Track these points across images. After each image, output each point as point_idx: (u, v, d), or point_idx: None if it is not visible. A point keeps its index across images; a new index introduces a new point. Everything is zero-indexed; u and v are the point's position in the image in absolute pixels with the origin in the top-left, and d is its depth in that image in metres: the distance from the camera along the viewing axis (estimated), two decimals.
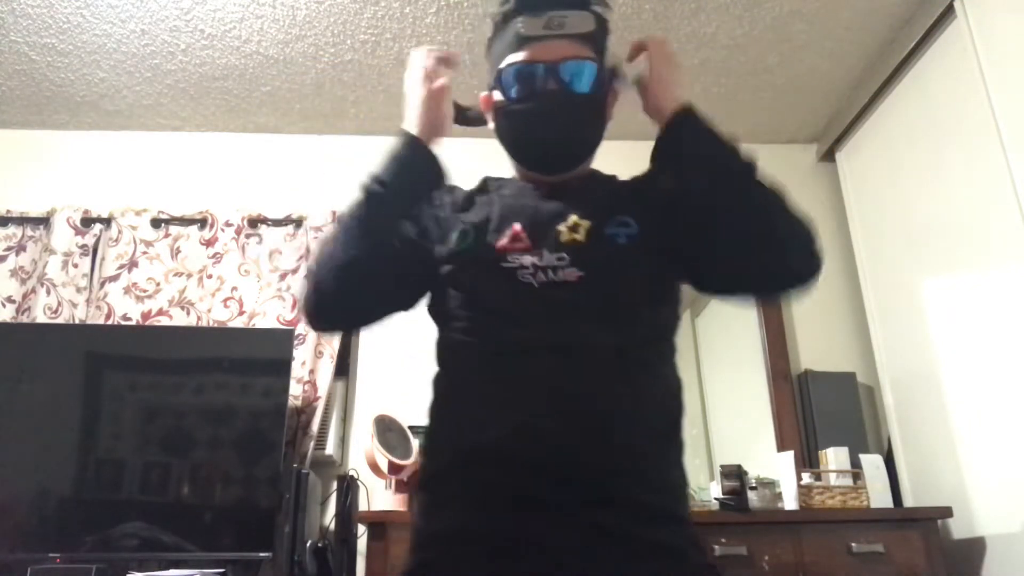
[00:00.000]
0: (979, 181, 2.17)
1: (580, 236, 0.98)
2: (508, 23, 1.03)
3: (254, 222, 2.84)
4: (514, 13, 1.02)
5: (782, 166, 3.14)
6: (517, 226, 1.00)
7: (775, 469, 2.36)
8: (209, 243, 2.80)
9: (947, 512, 2.19)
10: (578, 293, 0.94)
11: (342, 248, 1.02)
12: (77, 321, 2.66)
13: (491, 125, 1.11)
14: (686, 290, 1.11)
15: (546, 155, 1.06)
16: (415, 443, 2.32)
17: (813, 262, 1.01)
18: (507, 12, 1.03)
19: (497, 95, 1.05)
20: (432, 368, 1.07)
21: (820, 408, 2.66)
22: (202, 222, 2.83)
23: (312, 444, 2.50)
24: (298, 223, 2.84)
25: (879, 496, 2.28)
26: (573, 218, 1.00)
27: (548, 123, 1.02)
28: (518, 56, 1.01)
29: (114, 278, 2.71)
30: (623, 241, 0.99)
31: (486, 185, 1.13)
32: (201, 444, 2.34)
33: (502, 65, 1.03)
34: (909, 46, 2.44)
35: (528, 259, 0.96)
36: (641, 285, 1.01)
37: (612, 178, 1.17)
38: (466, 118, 1.15)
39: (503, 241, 0.99)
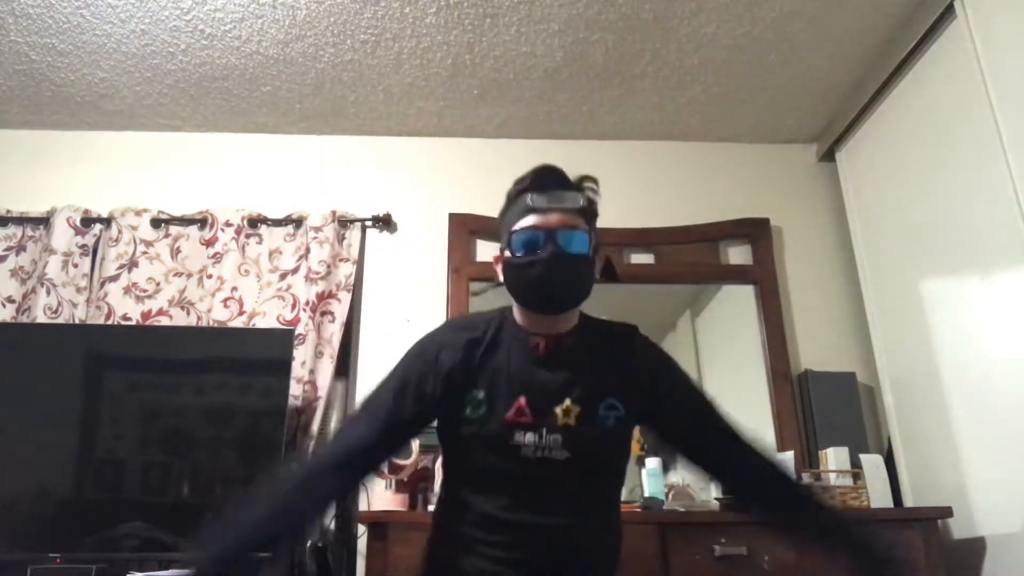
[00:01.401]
0: (979, 181, 2.17)
1: (572, 421, 1.24)
2: (519, 197, 1.32)
3: (254, 222, 2.84)
4: (526, 189, 1.31)
5: (782, 166, 3.18)
6: (522, 400, 1.24)
7: None
8: (209, 243, 2.80)
9: (947, 512, 2.18)
10: (565, 472, 1.23)
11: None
12: (77, 321, 2.66)
13: (500, 278, 1.36)
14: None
15: (544, 299, 1.30)
16: (415, 443, 2.32)
17: None
18: (521, 188, 1.32)
19: (507, 253, 1.31)
20: None
21: (820, 408, 2.66)
22: (202, 222, 2.83)
23: (312, 444, 2.50)
24: (298, 223, 2.84)
25: (879, 496, 2.28)
26: (567, 402, 1.25)
27: (546, 275, 1.26)
28: (526, 222, 1.28)
29: (114, 278, 2.71)
30: (611, 424, 1.26)
31: (490, 337, 1.33)
32: (201, 444, 2.34)
33: (513, 229, 1.29)
34: (909, 46, 2.44)
35: (530, 437, 1.23)
36: (618, 456, 1.33)
37: (603, 335, 1.39)
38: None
39: (511, 414, 1.24)
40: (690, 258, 2.93)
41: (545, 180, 1.32)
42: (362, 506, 2.43)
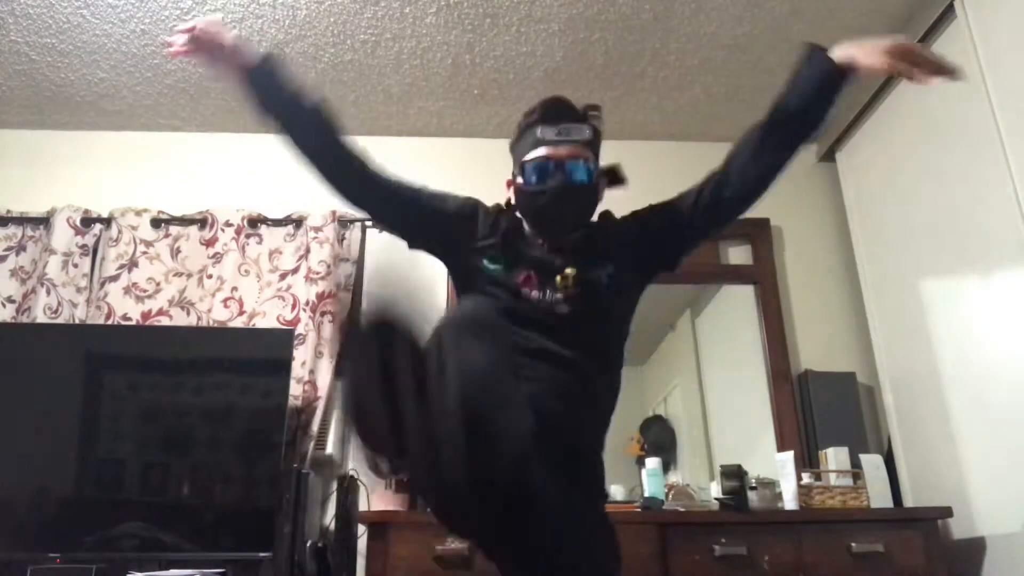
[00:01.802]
0: (979, 181, 2.17)
1: (569, 284, 1.38)
2: (529, 129, 1.42)
3: (254, 222, 2.84)
4: (536, 122, 1.41)
5: None
6: (530, 272, 1.39)
7: (775, 469, 2.36)
8: (209, 243, 2.80)
9: (947, 512, 2.19)
10: (569, 320, 1.36)
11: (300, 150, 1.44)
12: (77, 321, 2.66)
13: (512, 200, 1.48)
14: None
15: (552, 225, 1.43)
16: None
17: None
18: (531, 121, 1.42)
19: (519, 180, 1.42)
20: None
21: (820, 408, 2.66)
22: (202, 222, 2.83)
23: (312, 444, 2.50)
24: (298, 223, 2.84)
25: (879, 496, 2.28)
26: (566, 270, 1.39)
27: (554, 203, 1.39)
28: (536, 153, 1.40)
29: (114, 278, 2.71)
30: (604, 280, 1.41)
31: (510, 224, 1.47)
32: (201, 444, 2.34)
33: (524, 159, 1.41)
34: None
35: (536, 294, 1.38)
36: (616, 309, 1.47)
37: (601, 223, 1.55)
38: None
39: (520, 278, 1.39)
40: (690, 258, 2.92)
41: (553, 112, 1.41)
42: (362, 506, 2.43)
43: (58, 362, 2.41)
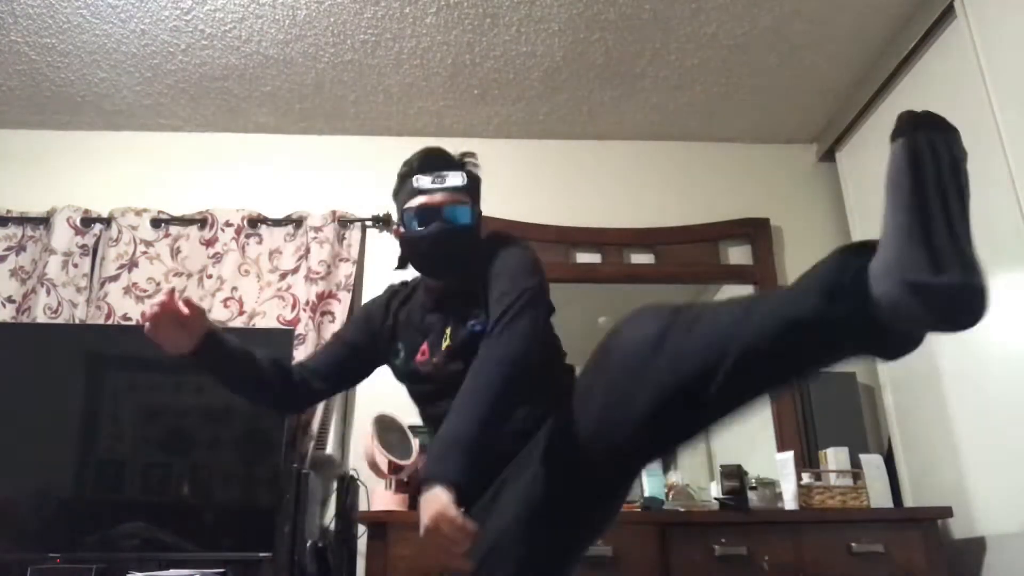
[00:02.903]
0: (979, 181, 2.16)
1: (449, 341, 1.43)
2: (407, 179, 1.46)
3: (254, 222, 2.84)
4: (413, 172, 1.45)
5: (782, 166, 3.18)
6: (424, 345, 1.46)
7: (775, 469, 2.36)
8: (209, 243, 2.80)
9: (947, 512, 2.19)
10: (460, 377, 1.34)
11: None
12: (77, 321, 2.66)
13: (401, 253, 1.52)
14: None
15: (436, 268, 1.48)
16: (415, 443, 2.32)
17: None
18: (407, 171, 1.46)
19: (401, 228, 1.47)
20: None
21: (820, 408, 2.66)
22: (202, 222, 2.83)
23: (312, 444, 2.50)
24: (298, 223, 2.84)
25: (879, 496, 2.28)
26: (447, 331, 1.44)
27: (435, 246, 1.44)
28: (415, 202, 1.44)
29: (114, 278, 2.71)
30: (479, 329, 1.41)
31: (406, 295, 1.57)
32: (201, 444, 2.34)
33: (404, 207, 1.45)
34: (909, 46, 2.44)
35: (435, 360, 1.43)
36: None
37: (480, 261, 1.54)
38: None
39: (418, 356, 1.46)
40: (690, 258, 2.93)
41: (429, 162, 1.46)
42: (362, 506, 2.43)
43: (58, 362, 2.41)
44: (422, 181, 1.43)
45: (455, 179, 1.45)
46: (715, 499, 2.29)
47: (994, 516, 2.13)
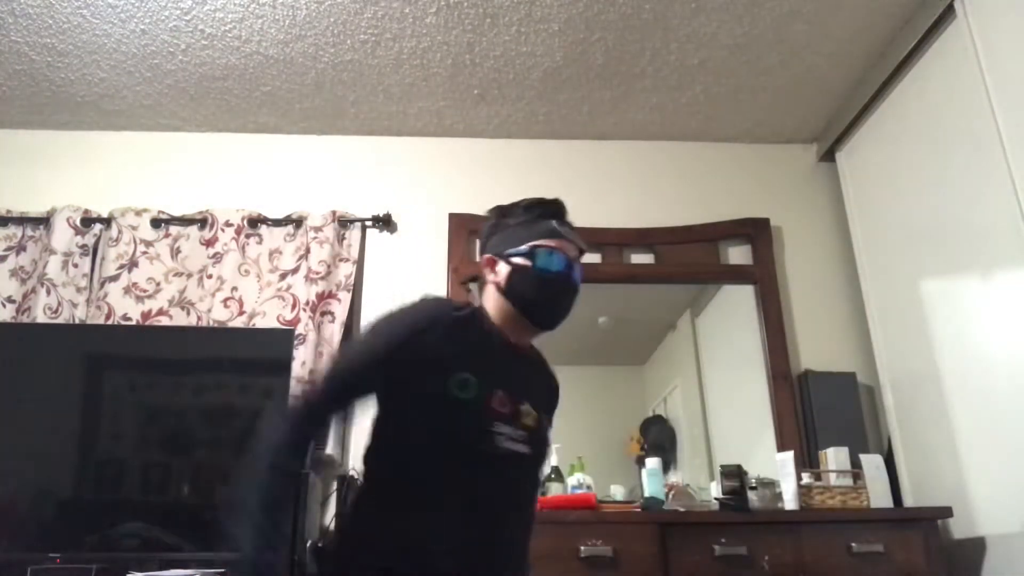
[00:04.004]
0: (979, 181, 2.17)
1: (531, 423, 1.36)
2: (539, 219, 1.41)
3: (254, 222, 2.84)
4: (548, 215, 1.42)
5: (782, 166, 3.18)
6: (501, 393, 1.31)
7: (775, 469, 2.36)
8: (209, 243, 2.80)
9: (947, 512, 2.19)
10: (523, 466, 1.36)
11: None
12: (77, 321, 2.66)
13: (493, 280, 1.43)
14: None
15: (547, 316, 1.41)
16: None
17: None
18: (539, 212, 1.42)
19: (521, 261, 1.38)
20: None
21: (820, 408, 2.66)
22: (202, 222, 2.83)
23: (312, 444, 2.50)
24: (298, 223, 2.84)
25: (879, 496, 2.28)
26: (528, 406, 1.36)
27: (561, 294, 1.40)
28: (554, 243, 1.39)
29: (114, 278, 2.71)
30: (548, 433, 1.44)
31: (473, 322, 1.39)
32: (201, 444, 2.34)
33: (540, 242, 1.39)
34: (909, 46, 2.44)
35: (507, 428, 1.31)
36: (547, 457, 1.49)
37: (541, 361, 1.56)
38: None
39: (495, 402, 1.30)
40: (690, 258, 2.93)
41: (562, 211, 1.45)
42: None
43: (58, 362, 2.41)
44: (563, 229, 1.41)
45: (583, 241, 1.46)
46: (715, 499, 2.29)
47: (994, 516, 2.13)
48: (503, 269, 1.40)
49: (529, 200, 1.46)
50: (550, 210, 1.44)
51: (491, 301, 1.42)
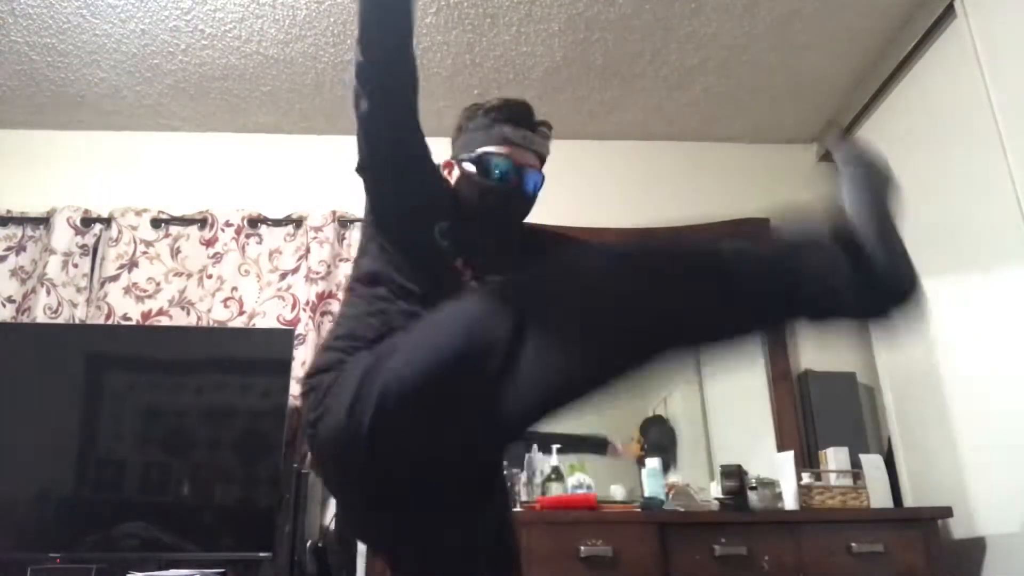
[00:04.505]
0: (979, 181, 2.17)
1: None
2: (495, 124, 1.36)
3: (254, 222, 2.84)
4: (504, 120, 1.36)
5: (782, 166, 3.18)
6: (459, 263, 1.34)
7: (775, 469, 2.36)
8: (209, 243, 2.80)
9: (947, 512, 2.19)
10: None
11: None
12: (77, 321, 2.66)
13: (450, 180, 1.40)
14: None
15: (490, 227, 1.38)
16: None
17: None
18: (495, 117, 1.36)
19: (470, 168, 1.36)
20: None
21: (820, 408, 2.66)
22: (202, 222, 2.83)
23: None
24: (298, 223, 2.84)
25: (879, 496, 2.28)
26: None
27: (503, 205, 1.36)
28: (501, 149, 1.35)
29: (114, 278, 2.71)
30: None
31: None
32: (201, 444, 2.34)
33: (484, 150, 1.35)
34: (909, 46, 2.44)
35: (469, 274, 1.33)
36: None
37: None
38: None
39: (458, 263, 1.33)
40: None
41: (522, 116, 1.38)
42: None
43: (58, 362, 2.41)
44: (513, 133, 1.35)
45: (543, 145, 1.40)
46: (715, 499, 2.29)
47: (994, 516, 2.12)
48: (455, 174, 1.40)
49: (492, 102, 1.40)
50: (507, 115, 1.37)
51: None
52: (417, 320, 1.20)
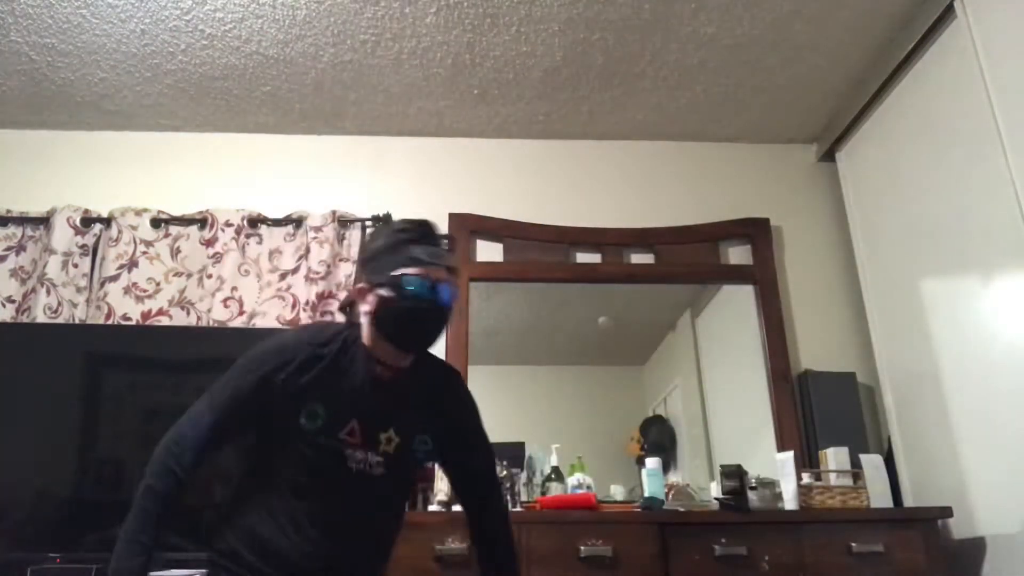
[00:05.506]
0: (979, 181, 2.17)
1: (391, 449, 1.45)
2: (403, 245, 1.44)
3: (254, 222, 2.84)
4: (411, 241, 1.44)
5: (782, 166, 3.19)
6: (355, 423, 1.43)
7: (775, 469, 2.36)
8: (209, 243, 2.80)
9: (947, 512, 2.19)
10: (380, 484, 1.45)
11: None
12: (77, 321, 2.66)
13: (365, 309, 1.47)
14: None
15: (415, 340, 1.47)
16: None
17: None
18: (404, 239, 1.45)
19: (385, 292, 1.42)
20: None
21: (820, 408, 2.66)
22: (202, 222, 2.83)
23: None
24: (298, 223, 2.84)
25: (879, 496, 2.28)
26: (390, 432, 1.46)
27: (424, 320, 1.43)
28: (415, 269, 1.41)
29: (114, 278, 2.71)
30: (421, 457, 1.52)
31: (334, 353, 1.47)
32: None
33: (399, 272, 1.41)
34: (909, 46, 2.44)
35: (359, 454, 1.43)
36: (414, 476, 1.68)
37: (430, 371, 1.57)
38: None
39: (344, 433, 1.42)
40: (690, 258, 2.93)
41: (428, 235, 1.47)
42: None
43: (58, 362, 2.41)
44: (423, 252, 1.43)
45: (450, 259, 1.48)
46: (715, 499, 2.29)
47: (994, 516, 2.13)
48: (372, 299, 1.45)
49: (396, 224, 1.52)
50: (413, 235, 1.45)
51: (366, 328, 1.47)
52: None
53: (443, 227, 2.83)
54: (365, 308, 1.46)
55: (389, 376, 1.47)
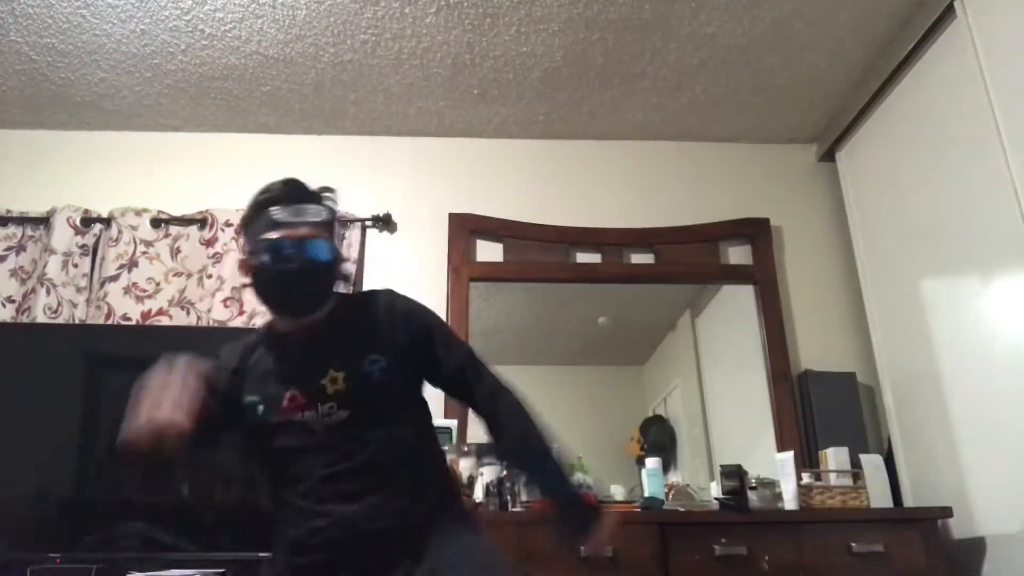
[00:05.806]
0: (979, 181, 2.17)
1: (341, 387, 1.38)
2: (263, 210, 1.40)
3: None
4: (270, 203, 1.40)
5: (782, 166, 3.18)
6: (292, 391, 1.39)
7: (775, 469, 2.36)
8: (209, 243, 2.80)
9: (947, 512, 2.19)
10: (351, 427, 1.38)
11: None
12: (77, 321, 2.66)
13: (248, 282, 1.46)
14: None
15: (291, 305, 1.44)
16: None
17: None
18: (263, 202, 1.41)
19: (254, 261, 1.41)
20: None
21: (820, 408, 2.66)
22: (202, 222, 2.83)
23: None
24: None
25: (879, 496, 2.28)
26: (330, 374, 1.38)
27: (292, 282, 1.40)
28: (273, 233, 1.38)
29: (114, 278, 2.71)
30: (378, 375, 1.40)
31: (254, 345, 1.50)
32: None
33: (260, 238, 1.39)
34: (909, 46, 2.44)
35: (309, 414, 1.38)
36: (396, 402, 1.44)
37: (356, 304, 1.52)
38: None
39: (286, 404, 1.39)
40: (690, 258, 2.93)
41: (288, 194, 1.42)
42: None
43: (58, 362, 2.41)
44: (281, 213, 1.39)
45: (317, 213, 1.42)
46: (715, 499, 2.29)
47: (994, 516, 2.13)
48: (247, 271, 1.45)
49: (256, 193, 1.46)
50: (272, 196, 1.42)
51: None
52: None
53: (443, 227, 2.89)
54: (246, 281, 1.46)
55: (303, 337, 1.44)
